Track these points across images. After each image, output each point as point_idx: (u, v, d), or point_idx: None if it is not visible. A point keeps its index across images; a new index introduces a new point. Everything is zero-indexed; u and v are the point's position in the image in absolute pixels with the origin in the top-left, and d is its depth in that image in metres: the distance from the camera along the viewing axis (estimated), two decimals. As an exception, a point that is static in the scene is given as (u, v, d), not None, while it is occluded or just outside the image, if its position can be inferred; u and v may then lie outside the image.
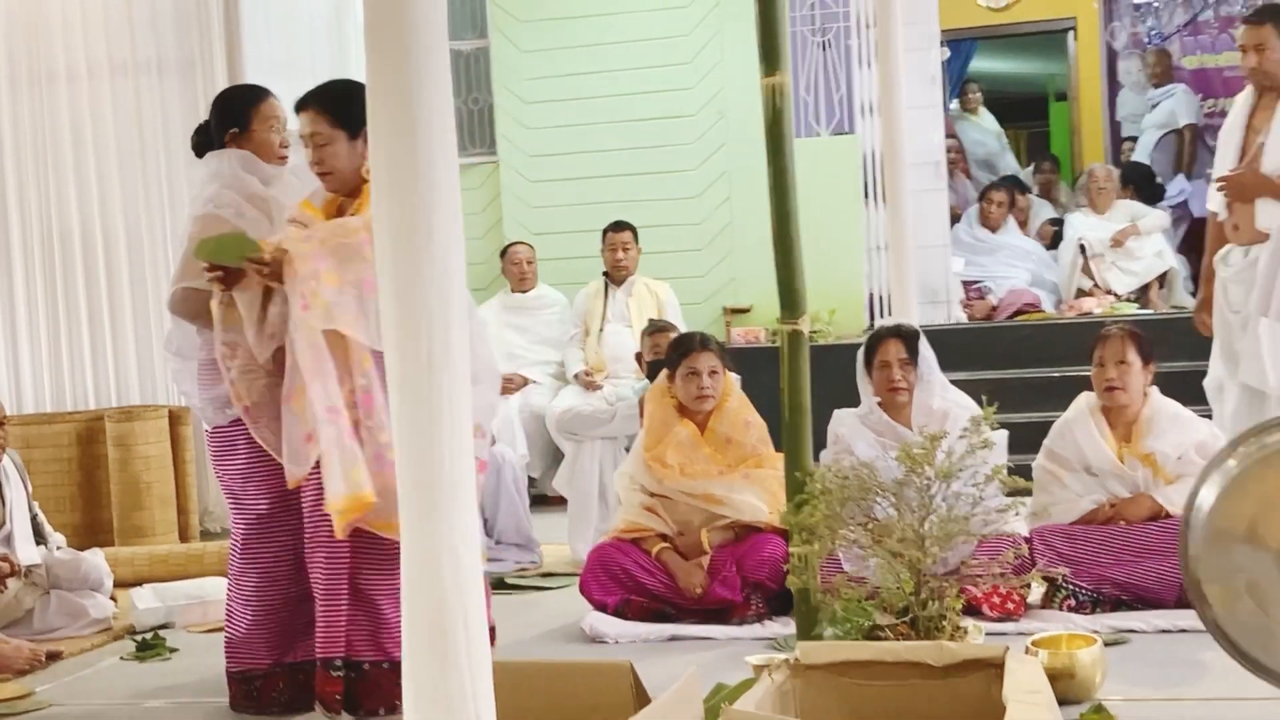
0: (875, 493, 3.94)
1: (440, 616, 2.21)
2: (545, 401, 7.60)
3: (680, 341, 5.42)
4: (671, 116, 8.83)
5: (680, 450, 5.18)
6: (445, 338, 2.21)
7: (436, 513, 2.22)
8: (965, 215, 9.67)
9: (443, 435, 2.21)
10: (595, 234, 8.05)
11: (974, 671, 3.18)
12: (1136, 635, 4.51)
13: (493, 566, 6.13)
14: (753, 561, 4.95)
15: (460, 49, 9.32)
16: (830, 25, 8.66)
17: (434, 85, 2.23)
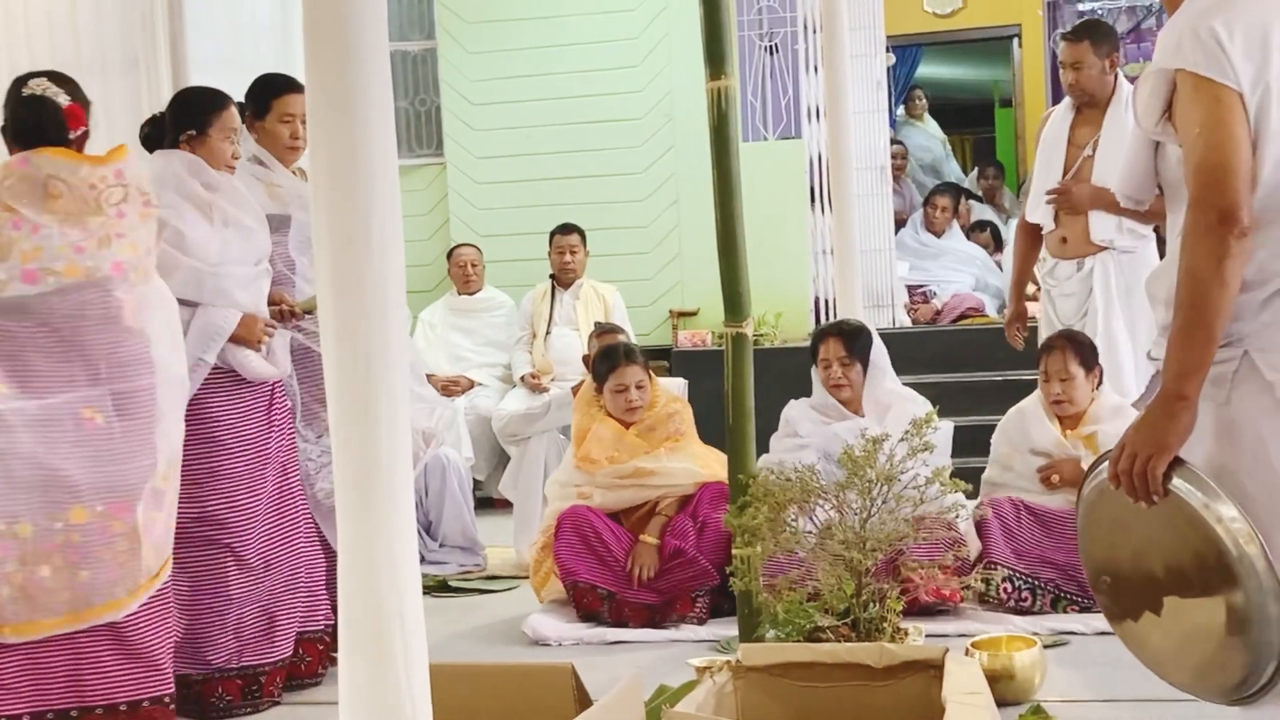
0: (817, 495, 3.96)
1: (377, 620, 2.20)
2: (491, 404, 7.57)
3: (605, 356, 5.46)
4: (619, 120, 8.83)
5: (604, 446, 5.25)
6: (384, 341, 2.20)
7: (374, 517, 2.20)
8: (910, 220, 9.73)
9: (380, 440, 2.20)
10: (542, 236, 8.04)
11: (914, 673, 3.21)
12: (1075, 637, 4.55)
13: (436, 569, 6.12)
14: (705, 506, 5.03)
15: (407, 50, 9.29)
16: (777, 30, 8.69)
17: (374, 86, 2.22)
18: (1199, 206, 2.37)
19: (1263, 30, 2.40)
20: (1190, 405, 2.39)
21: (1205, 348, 2.37)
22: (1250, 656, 2.38)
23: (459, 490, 6.38)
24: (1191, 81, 2.40)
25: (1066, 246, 5.62)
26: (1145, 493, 2.42)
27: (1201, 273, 2.35)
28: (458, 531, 6.35)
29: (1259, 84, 2.38)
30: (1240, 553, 2.34)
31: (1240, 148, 2.37)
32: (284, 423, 4.46)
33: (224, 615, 4.23)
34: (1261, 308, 2.41)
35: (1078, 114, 5.67)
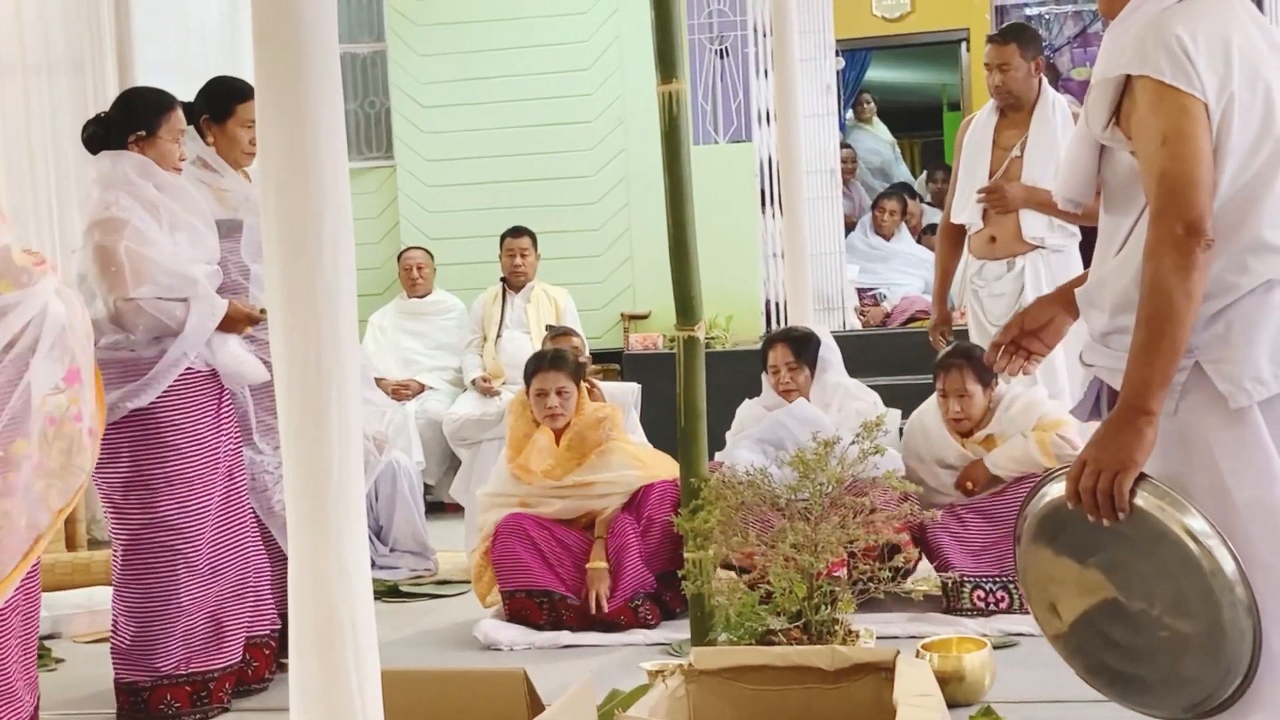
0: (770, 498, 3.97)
1: (329, 627, 2.18)
2: (442, 408, 7.55)
3: (532, 359, 5.45)
4: (570, 123, 8.83)
5: (542, 456, 5.21)
6: (335, 345, 2.19)
7: (325, 522, 2.19)
8: (860, 223, 9.77)
9: (331, 444, 2.19)
10: (493, 239, 8.02)
11: (865, 675, 3.21)
12: (1025, 638, 4.57)
13: (387, 574, 6.09)
14: (651, 505, 5.02)
15: (356, 52, 9.24)
16: (728, 34, 8.71)
17: (324, 89, 2.20)
18: (1164, 219, 2.34)
19: (1225, 40, 2.39)
20: (1154, 420, 2.36)
21: (1170, 362, 2.34)
22: (1219, 671, 2.36)
23: (410, 495, 6.35)
24: (1156, 89, 2.37)
25: (995, 246, 5.66)
26: (1110, 510, 2.38)
27: (1168, 286, 2.32)
28: (409, 536, 6.32)
29: (1223, 95, 2.37)
30: (1213, 566, 2.32)
31: (1205, 160, 2.35)
32: (230, 426, 4.42)
33: (172, 621, 4.19)
34: (1213, 320, 2.40)
35: (1002, 117, 5.72)
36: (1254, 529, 2.37)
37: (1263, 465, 2.39)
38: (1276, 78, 2.45)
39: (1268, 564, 2.37)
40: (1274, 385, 2.37)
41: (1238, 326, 2.39)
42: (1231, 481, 2.39)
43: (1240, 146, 2.39)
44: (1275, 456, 2.39)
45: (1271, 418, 2.39)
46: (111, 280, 4.11)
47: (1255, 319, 2.38)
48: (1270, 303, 2.39)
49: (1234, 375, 2.37)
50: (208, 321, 4.22)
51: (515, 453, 5.27)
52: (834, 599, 3.81)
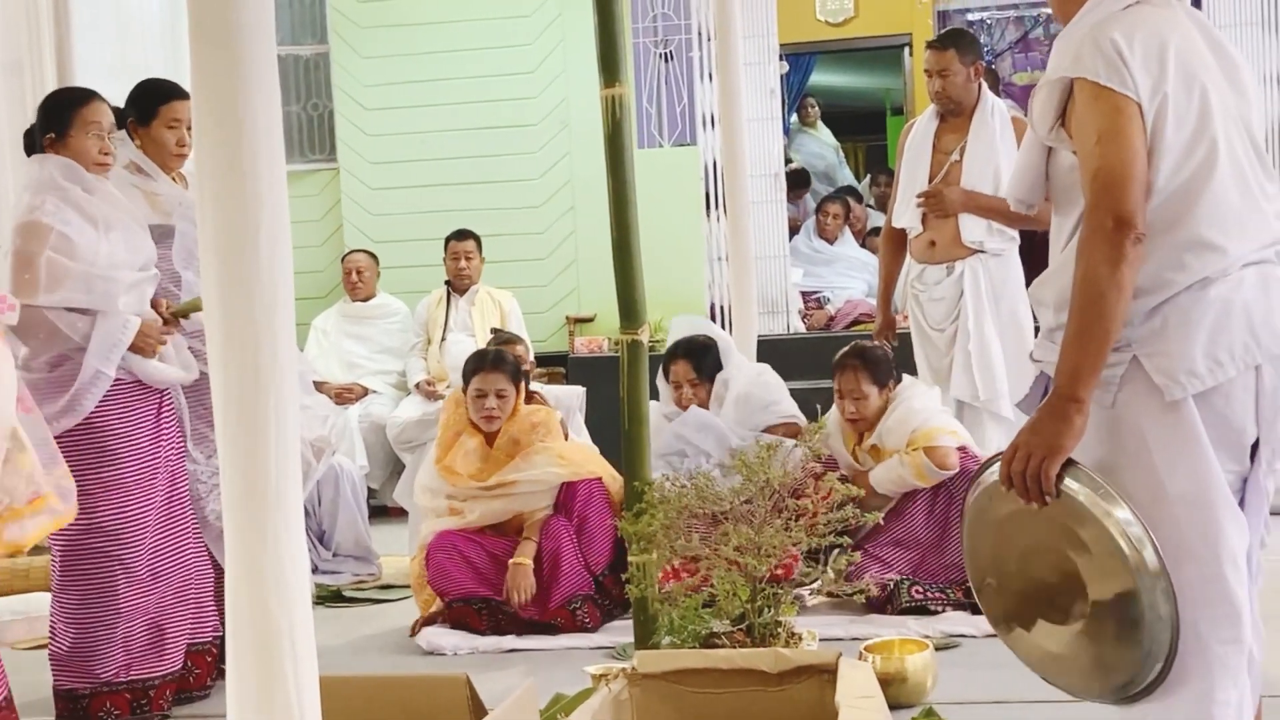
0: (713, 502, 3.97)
1: (266, 636, 2.16)
2: (386, 412, 7.52)
3: (473, 358, 5.40)
4: (514, 125, 8.80)
5: (469, 460, 5.18)
6: (273, 349, 2.16)
7: (262, 528, 2.17)
8: (804, 227, 9.81)
9: (269, 450, 2.16)
10: (437, 242, 7.99)
11: (808, 677, 3.22)
12: (967, 639, 4.60)
13: (330, 579, 6.05)
14: (580, 502, 5.01)
15: (299, 54, 9.19)
16: (672, 37, 8.72)
17: (262, 90, 2.18)
18: (1096, 213, 2.41)
19: (1161, 44, 2.46)
20: (1083, 408, 2.42)
21: (1100, 351, 2.41)
22: (1140, 655, 2.43)
23: (353, 499, 6.31)
24: (1091, 90, 2.44)
25: (935, 250, 5.69)
26: (1038, 493, 2.45)
27: (1098, 278, 2.38)
28: (351, 540, 6.28)
29: (1156, 95, 2.43)
30: (1134, 553, 2.38)
31: (1138, 156, 2.41)
32: (171, 432, 4.37)
33: (112, 628, 4.14)
34: (1150, 315, 2.46)
35: (942, 122, 5.76)
36: (1184, 519, 2.44)
37: (1195, 457, 2.45)
38: (1215, 82, 2.52)
39: (1198, 554, 2.43)
40: (1208, 379, 2.43)
41: (1174, 321, 2.45)
42: (1164, 472, 2.45)
43: (1175, 146, 2.45)
44: (1208, 449, 2.45)
45: (1206, 411, 2.45)
46: (21, 286, 4.04)
47: (1191, 314, 2.44)
48: (1206, 299, 2.44)
49: (1169, 369, 2.43)
50: (117, 336, 4.13)
51: (443, 452, 5.23)
52: (777, 602, 3.81)
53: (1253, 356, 2.45)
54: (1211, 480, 2.45)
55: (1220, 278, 2.45)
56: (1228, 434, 2.47)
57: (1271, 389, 2.48)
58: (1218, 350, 2.43)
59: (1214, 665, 2.45)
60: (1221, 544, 2.44)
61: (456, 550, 5.01)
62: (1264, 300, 2.47)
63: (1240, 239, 2.47)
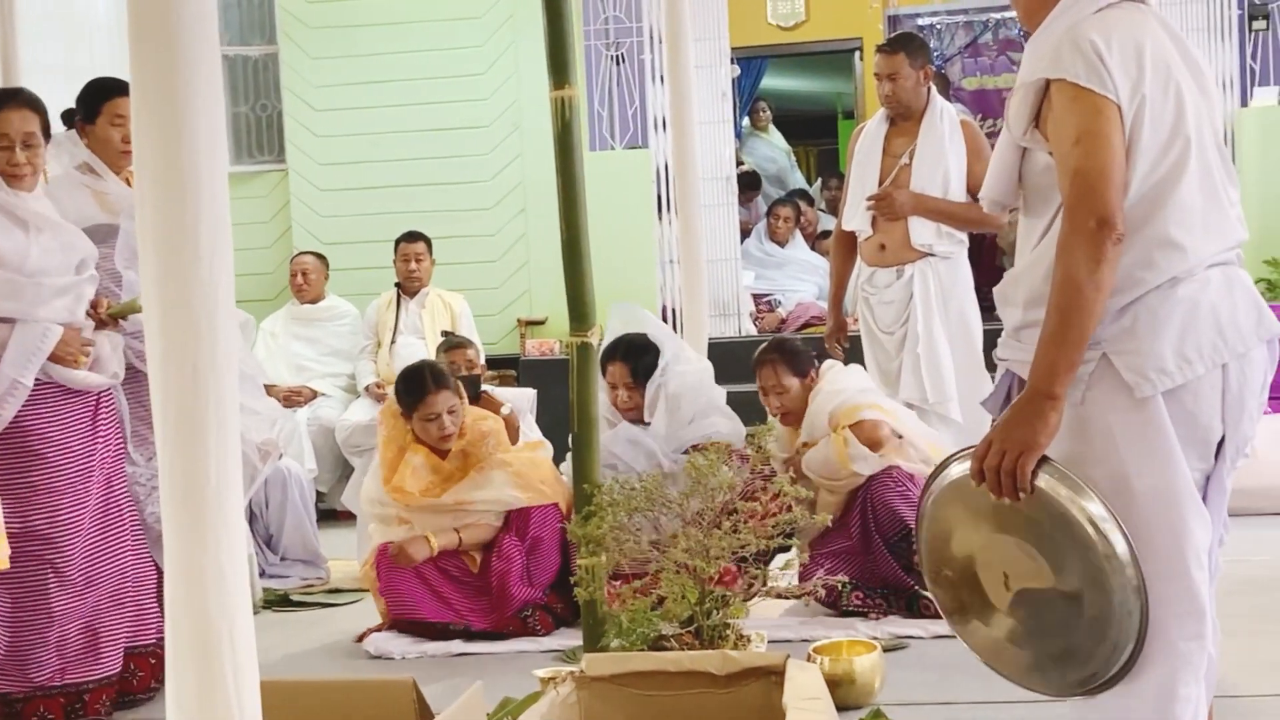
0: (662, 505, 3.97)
1: (205, 637, 2.14)
2: (335, 415, 7.48)
3: (410, 383, 5.11)
4: (466, 127, 8.78)
5: (418, 476, 5.05)
6: (212, 350, 2.14)
7: (202, 531, 2.14)
8: (755, 230, 9.83)
9: (208, 452, 2.14)
10: (387, 244, 7.95)
11: (756, 679, 3.23)
12: (915, 641, 4.61)
13: (277, 583, 6.00)
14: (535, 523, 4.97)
15: (247, 54, 9.13)
16: (623, 40, 8.72)
17: (203, 89, 2.15)
18: (1077, 213, 2.43)
19: (1137, 45, 2.49)
20: (1059, 404, 2.45)
21: (1077, 349, 2.43)
22: (1106, 648, 2.45)
23: (300, 502, 6.26)
24: (1071, 91, 2.46)
25: (885, 253, 5.71)
26: (1012, 489, 2.46)
27: (1078, 277, 2.40)
28: (299, 544, 6.23)
29: (1135, 96, 2.46)
30: (1107, 548, 2.41)
31: (1117, 157, 2.44)
32: (110, 434, 4.32)
33: (45, 632, 4.09)
34: (1121, 313, 2.49)
35: (892, 125, 5.79)
36: (1151, 515, 2.46)
37: (1163, 454, 2.48)
38: (1187, 84, 2.55)
39: (1163, 551, 2.45)
40: (1177, 376, 2.46)
41: (1144, 320, 2.48)
42: (1132, 469, 2.47)
43: (1151, 147, 2.48)
44: (1176, 446, 2.48)
45: (1174, 408, 2.48)
46: None
47: (1160, 313, 2.47)
48: (1175, 297, 2.48)
49: (1139, 366, 2.46)
50: (35, 345, 4.05)
51: (390, 472, 5.07)
52: (725, 604, 3.82)
53: (1220, 355, 2.49)
54: (1178, 477, 2.48)
55: (1187, 278, 2.49)
56: (1195, 431, 2.50)
57: (1237, 387, 2.52)
58: (1186, 348, 2.47)
59: (1177, 661, 2.48)
60: (1187, 541, 2.48)
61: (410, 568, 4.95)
62: (1229, 300, 2.52)
63: (1205, 240, 2.51)
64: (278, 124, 9.10)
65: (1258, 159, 8.42)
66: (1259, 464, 5.88)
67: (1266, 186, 8.36)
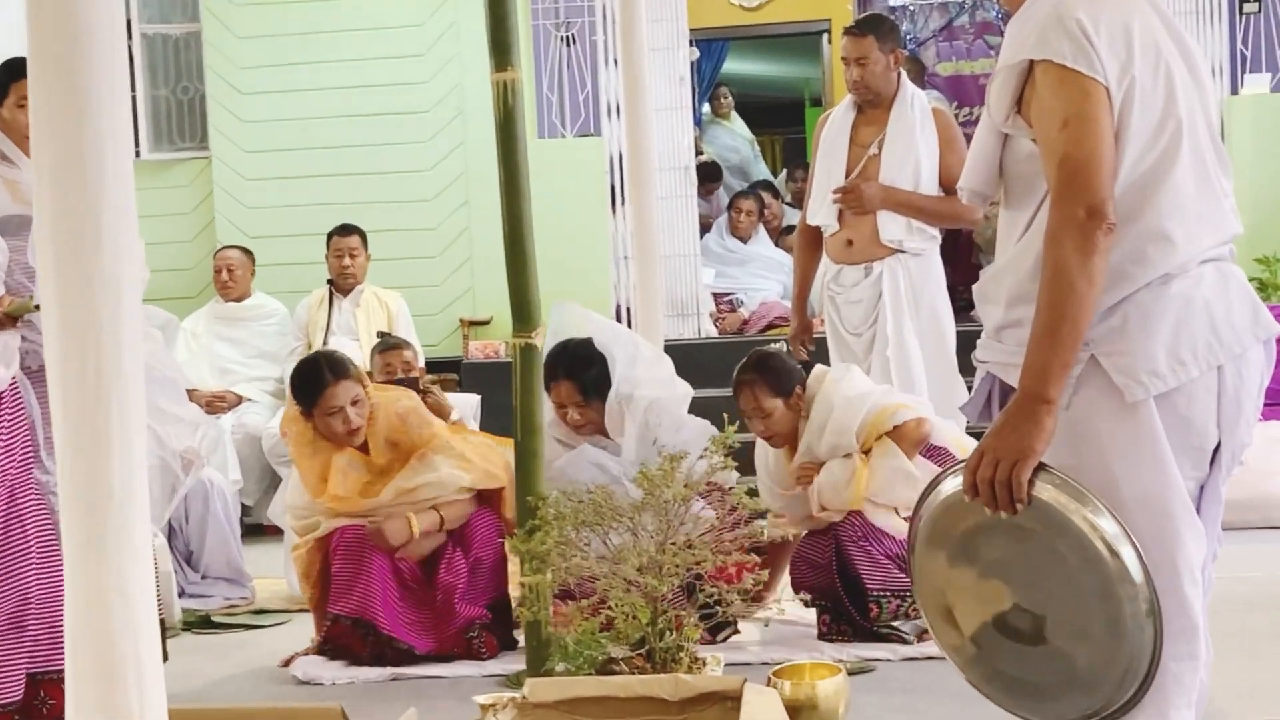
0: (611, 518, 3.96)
1: (109, 662, 2.11)
2: (261, 421, 7.43)
3: (307, 376, 5.03)
4: (404, 112, 8.75)
5: (349, 478, 4.99)
6: (116, 353, 2.12)
7: (104, 547, 2.12)
8: (716, 225, 9.85)
9: (111, 461, 2.12)
10: (319, 238, 7.91)
11: (711, 705, 3.23)
12: (882, 664, 4.63)
13: (199, 603, 5.97)
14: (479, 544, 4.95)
15: (168, 33, 9.08)
16: (574, 20, 8.72)
17: (106, 70, 2.12)
18: (1066, 202, 2.43)
19: (1125, 25, 2.50)
20: (1054, 408, 2.44)
21: (1071, 348, 2.42)
22: (1116, 674, 2.43)
23: (223, 516, 6.22)
24: (1057, 73, 2.47)
25: (852, 250, 5.72)
26: (1008, 501, 2.44)
27: (1068, 270, 2.40)
28: (222, 561, 6.19)
29: (1124, 78, 2.47)
30: (1117, 562, 2.39)
31: (1106, 142, 2.44)
32: (15, 440, 4.27)
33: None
34: (1110, 312, 2.49)
35: (860, 113, 5.80)
36: (1142, 527, 2.44)
37: (1155, 461, 2.47)
38: (1177, 66, 2.56)
39: (1155, 565, 2.43)
40: (1170, 379, 2.46)
41: (1134, 319, 2.48)
42: (1121, 477, 2.47)
43: (1141, 132, 2.49)
44: (1168, 453, 2.48)
45: (1167, 413, 2.47)
46: None
47: (1152, 311, 2.47)
48: (1168, 295, 2.48)
49: (1130, 368, 2.46)
50: None
51: (318, 482, 4.98)
52: (679, 625, 3.81)
53: (1215, 356, 2.48)
54: (1171, 487, 2.48)
55: (1180, 274, 2.49)
56: (1189, 438, 2.50)
57: (1234, 390, 2.52)
58: (1180, 349, 2.47)
59: (1169, 682, 2.47)
60: (1179, 554, 2.48)
61: (366, 557, 4.90)
62: (1224, 297, 2.52)
63: (1199, 232, 2.51)
64: (200, 108, 9.05)
65: (1249, 149, 8.50)
66: (1251, 474, 5.95)
67: (1258, 179, 8.43)
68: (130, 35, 8.97)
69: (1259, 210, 8.27)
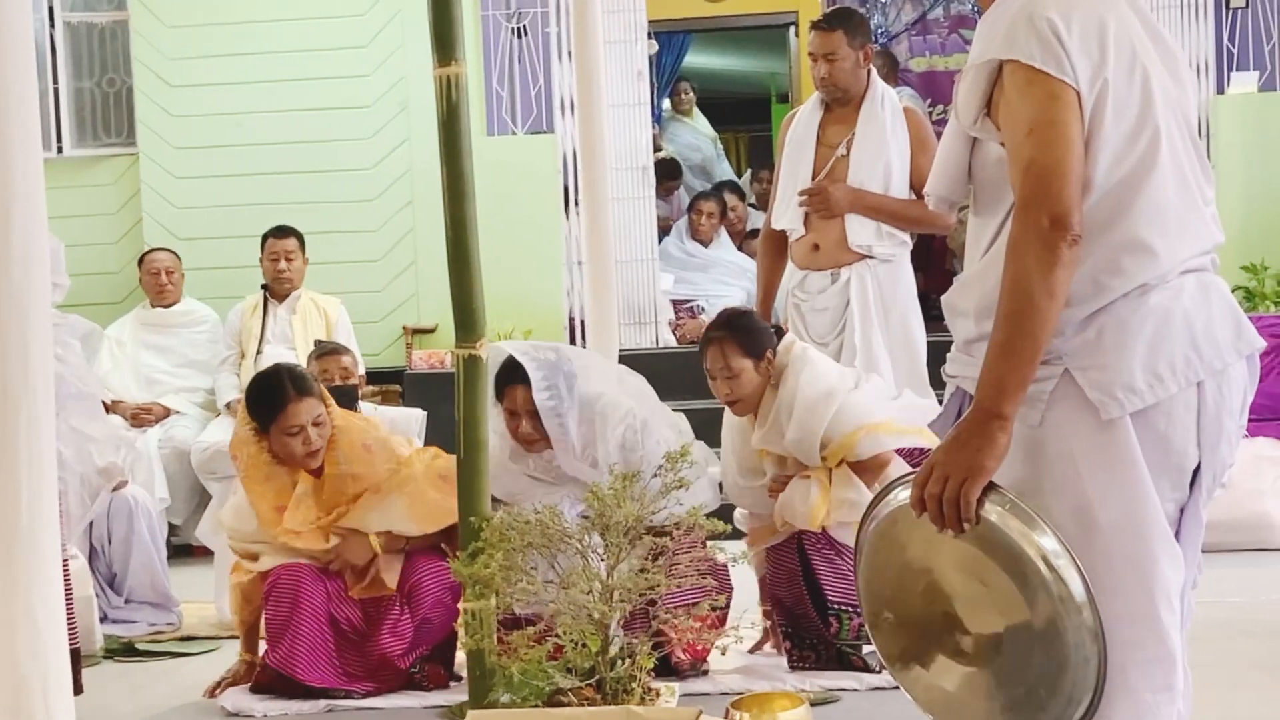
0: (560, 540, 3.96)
1: (16, 692, 2.10)
2: (190, 435, 7.39)
3: (266, 390, 4.92)
4: (345, 107, 8.75)
5: (305, 509, 4.91)
6: (24, 364, 2.11)
7: (11, 571, 2.11)
8: (675, 227, 9.86)
9: (19, 479, 2.11)
10: (253, 240, 7.89)
11: (664, 739, 3.23)
12: (848, 694, 4.64)
13: (122, 629, 5.93)
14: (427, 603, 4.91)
15: (93, 21, 9.05)
16: (526, 10, 8.72)
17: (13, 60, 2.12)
18: (1029, 210, 2.43)
19: (1099, 23, 2.49)
20: (1008, 425, 2.44)
21: (1029, 363, 2.42)
22: (1061, 700, 2.44)
23: (148, 536, 6.18)
24: (1025, 75, 2.46)
25: (819, 255, 5.73)
26: (955, 520, 2.45)
27: (1029, 282, 2.40)
28: (147, 584, 6.15)
29: (1096, 81, 2.46)
30: (1061, 588, 2.40)
31: (1074, 149, 2.44)
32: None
33: None
34: (1085, 324, 2.48)
35: (828, 111, 5.82)
36: (1116, 551, 2.46)
37: (1131, 482, 2.47)
38: (1155, 68, 2.55)
39: (1129, 591, 2.45)
40: (1148, 395, 2.46)
41: (1110, 332, 2.47)
42: (1096, 499, 2.47)
43: (1114, 138, 2.48)
44: (1145, 473, 2.47)
45: (1144, 432, 2.47)
46: None
47: (1129, 324, 2.47)
48: (1145, 307, 2.47)
49: (1106, 384, 2.46)
50: None
51: (269, 509, 4.88)
52: (631, 654, 3.81)
53: (1195, 371, 2.48)
54: (1147, 509, 2.47)
55: (1159, 284, 2.48)
56: (1168, 457, 2.50)
57: (1214, 407, 2.51)
58: (1158, 364, 2.46)
59: (1143, 715, 2.48)
60: (1156, 580, 2.47)
61: (299, 605, 4.84)
62: (1205, 310, 2.51)
63: (1179, 242, 2.50)
64: (127, 101, 9.01)
65: (1235, 151, 8.58)
66: (1234, 493, 6.01)
67: (1245, 182, 8.51)
68: (52, 23, 8.95)
69: (1246, 216, 8.36)
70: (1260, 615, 5.42)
